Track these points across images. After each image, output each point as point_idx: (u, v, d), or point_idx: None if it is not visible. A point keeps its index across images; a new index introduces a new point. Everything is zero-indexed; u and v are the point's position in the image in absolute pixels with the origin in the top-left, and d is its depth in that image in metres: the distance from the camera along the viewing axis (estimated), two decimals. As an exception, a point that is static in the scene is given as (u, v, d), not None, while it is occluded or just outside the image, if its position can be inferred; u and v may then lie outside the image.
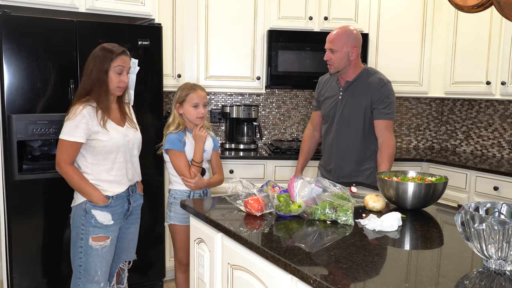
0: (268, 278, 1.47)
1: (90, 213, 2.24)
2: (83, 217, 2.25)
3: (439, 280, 1.28)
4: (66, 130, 2.21)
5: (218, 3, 3.73)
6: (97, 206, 2.24)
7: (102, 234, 2.27)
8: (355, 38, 2.62)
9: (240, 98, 4.22)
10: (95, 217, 2.25)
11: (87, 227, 2.25)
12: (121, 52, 2.27)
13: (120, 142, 2.28)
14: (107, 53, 2.25)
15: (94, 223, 2.25)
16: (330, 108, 2.75)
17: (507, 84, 3.41)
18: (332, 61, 2.62)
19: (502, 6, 2.18)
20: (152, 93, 3.11)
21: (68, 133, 2.19)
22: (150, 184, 3.17)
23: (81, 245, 2.26)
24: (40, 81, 2.72)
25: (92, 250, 2.26)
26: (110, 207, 2.28)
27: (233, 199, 2.00)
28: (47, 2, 2.82)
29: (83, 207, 2.25)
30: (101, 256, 2.28)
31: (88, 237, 2.25)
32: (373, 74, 2.67)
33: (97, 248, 2.27)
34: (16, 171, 2.69)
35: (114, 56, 2.24)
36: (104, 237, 2.28)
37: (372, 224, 1.70)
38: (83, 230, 2.25)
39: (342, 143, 2.71)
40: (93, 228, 2.25)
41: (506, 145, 3.85)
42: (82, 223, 2.25)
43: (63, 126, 2.23)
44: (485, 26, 3.55)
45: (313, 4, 3.81)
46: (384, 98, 2.60)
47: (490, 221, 1.22)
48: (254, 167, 3.61)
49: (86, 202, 2.24)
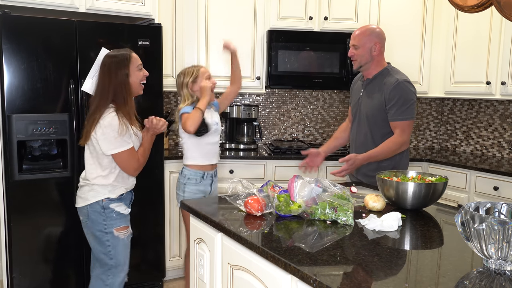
0: (268, 278, 1.47)
1: (109, 208, 2.33)
2: (102, 214, 2.33)
3: (439, 280, 1.27)
4: (123, 141, 2.27)
5: (218, 3, 3.73)
6: (114, 200, 2.34)
7: (124, 224, 2.40)
8: (377, 34, 2.65)
9: (240, 98, 4.22)
10: (115, 210, 2.34)
11: (109, 221, 2.34)
12: (130, 52, 2.38)
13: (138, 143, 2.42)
14: (120, 59, 2.32)
15: (115, 216, 2.35)
16: (353, 105, 2.81)
17: (507, 84, 3.41)
18: (355, 56, 2.66)
19: (502, 6, 2.18)
20: (152, 93, 3.11)
21: (126, 143, 2.28)
22: (150, 184, 3.18)
23: (108, 239, 2.35)
24: (40, 81, 2.72)
25: (119, 241, 2.38)
26: (123, 199, 2.40)
27: (233, 199, 2.00)
28: (47, 2, 2.82)
29: (99, 204, 2.32)
30: (127, 244, 2.43)
31: (112, 230, 2.35)
32: (391, 73, 2.64)
33: (124, 238, 2.40)
34: (16, 171, 2.69)
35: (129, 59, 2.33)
36: (126, 226, 2.42)
37: (372, 224, 1.70)
38: (105, 225, 2.34)
39: (360, 140, 2.73)
40: (115, 220, 2.35)
41: (506, 145, 3.85)
42: (103, 218, 2.33)
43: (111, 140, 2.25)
44: (485, 26, 3.55)
45: (313, 4, 3.81)
46: (397, 100, 2.55)
47: (490, 221, 1.22)
48: (254, 167, 3.61)
49: (103, 200, 2.32)
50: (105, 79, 2.31)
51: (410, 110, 2.57)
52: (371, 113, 2.65)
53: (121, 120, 2.26)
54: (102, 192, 2.33)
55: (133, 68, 2.34)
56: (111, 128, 2.24)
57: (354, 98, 2.84)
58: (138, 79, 2.38)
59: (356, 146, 2.77)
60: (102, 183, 2.33)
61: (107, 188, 2.34)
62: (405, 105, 2.56)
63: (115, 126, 2.24)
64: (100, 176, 2.33)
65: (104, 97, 2.29)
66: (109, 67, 2.31)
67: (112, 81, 2.29)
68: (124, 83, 2.31)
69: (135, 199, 2.54)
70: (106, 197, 2.33)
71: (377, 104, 2.62)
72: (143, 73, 2.41)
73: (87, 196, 2.34)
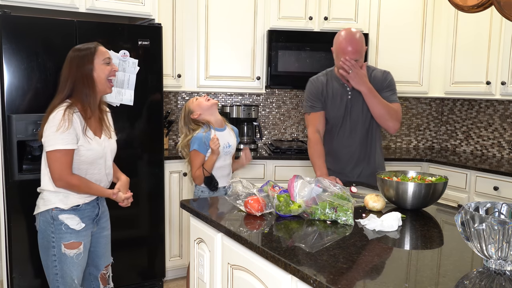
0: (268, 278, 1.47)
1: (58, 220, 2.11)
2: (51, 225, 2.11)
3: (439, 280, 1.27)
4: (58, 138, 2.01)
5: (218, 3, 3.73)
6: (65, 211, 2.11)
7: (74, 240, 2.13)
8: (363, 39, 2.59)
9: (240, 98, 4.22)
10: (64, 223, 2.11)
11: (57, 234, 2.11)
12: (96, 45, 2.17)
13: (98, 154, 2.16)
14: (84, 53, 2.12)
15: (64, 229, 2.11)
16: (338, 109, 2.65)
17: (507, 84, 3.41)
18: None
19: (502, 6, 2.18)
20: (152, 93, 3.11)
21: (62, 142, 2.02)
22: (150, 186, 3.18)
23: (54, 253, 2.13)
24: (40, 81, 2.72)
25: (66, 258, 2.13)
26: (79, 211, 2.16)
27: (233, 199, 2.00)
28: (47, 2, 2.82)
29: (49, 214, 2.11)
30: (76, 263, 2.16)
31: (60, 245, 2.12)
32: (375, 69, 2.67)
33: (72, 256, 2.14)
34: (16, 171, 2.69)
35: (94, 52, 2.12)
36: (77, 243, 2.14)
37: (372, 224, 1.70)
38: (53, 238, 2.11)
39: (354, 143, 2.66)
40: (63, 234, 2.11)
41: (506, 145, 3.85)
42: (52, 230, 2.11)
43: (48, 136, 2.03)
44: (485, 26, 3.55)
45: (313, 4, 3.81)
46: (392, 85, 2.61)
47: (490, 221, 1.22)
48: (254, 167, 3.61)
49: (52, 209, 2.10)
50: (65, 72, 2.12)
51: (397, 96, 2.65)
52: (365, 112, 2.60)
53: (66, 116, 2.01)
54: (52, 201, 2.11)
55: (99, 61, 2.12)
56: (52, 123, 2.02)
57: (333, 104, 2.66)
58: (105, 74, 2.13)
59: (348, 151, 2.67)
60: (52, 190, 2.11)
61: (58, 196, 2.11)
62: (395, 91, 2.63)
63: (55, 121, 2.01)
64: (50, 182, 2.10)
65: (60, 91, 2.10)
66: (71, 60, 2.12)
67: (72, 75, 2.09)
68: (86, 78, 2.09)
69: (135, 199, 2.51)
70: (56, 206, 2.10)
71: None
72: (112, 67, 2.16)
73: (38, 203, 2.16)
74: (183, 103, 4.07)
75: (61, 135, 2.02)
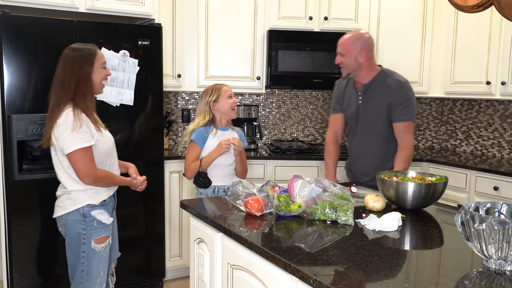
0: (268, 278, 1.47)
1: (90, 216, 2.17)
2: (82, 222, 2.16)
3: (439, 280, 1.27)
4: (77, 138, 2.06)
5: (218, 3, 3.73)
6: (96, 206, 2.18)
7: (104, 234, 2.21)
8: (363, 41, 2.61)
9: (240, 98, 4.22)
10: (96, 218, 2.18)
11: (89, 230, 2.17)
12: (96, 48, 2.22)
13: (111, 145, 2.25)
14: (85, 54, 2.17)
15: (96, 225, 2.18)
16: (351, 113, 2.75)
17: (507, 84, 3.41)
18: (343, 63, 2.65)
19: (502, 6, 2.18)
20: (152, 93, 3.11)
21: (81, 140, 2.07)
22: (150, 186, 3.17)
23: (83, 250, 2.18)
24: (40, 81, 2.72)
25: (95, 253, 2.20)
26: (106, 205, 2.24)
27: (233, 199, 2.00)
28: (47, 2, 2.82)
29: (80, 212, 2.16)
30: (103, 257, 2.23)
31: (91, 241, 2.18)
32: (390, 76, 2.65)
33: (100, 250, 2.21)
34: (16, 171, 2.69)
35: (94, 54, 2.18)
36: (105, 237, 2.23)
37: (372, 224, 1.70)
38: (84, 235, 2.17)
39: (366, 147, 2.71)
40: (95, 230, 2.18)
41: (506, 145, 3.85)
42: (83, 227, 2.16)
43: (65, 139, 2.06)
44: (485, 26, 3.55)
45: (313, 4, 3.81)
46: (403, 101, 2.58)
47: (490, 221, 1.22)
48: (254, 167, 3.61)
49: (83, 206, 2.16)
50: (66, 72, 2.13)
51: (413, 110, 2.61)
52: (375, 117, 2.64)
53: (76, 116, 2.07)
54: (82, 199, 2.16)
55: (98, 65, 2.18)
56: (64, 126, 2.06)
57: (349, 107, 2.77)
58: (101, 77, 2.20)
59: (362, 155, 2.74)
60: (81, 188, 2.15)
61: (87, 193, 2.17)
62: (409, 105, 2.59)
63: (68, 123, 2.06)
64: (76, 182, 2.14)
65: (65, 91, 2.11)
66: (72, 60, 2.14)
67: (74, 75, 2.12)
68: (87, 79, 2.14)
69: (135, 199, 2.53)
70: (87, 203, 2.16)
71: (383, 108, 2.62)
72: (106, 72, 2.24)
73: (65, 204, 2.17)
74: (183, 103, 4.07)
75: (78, 135, 2.07)
